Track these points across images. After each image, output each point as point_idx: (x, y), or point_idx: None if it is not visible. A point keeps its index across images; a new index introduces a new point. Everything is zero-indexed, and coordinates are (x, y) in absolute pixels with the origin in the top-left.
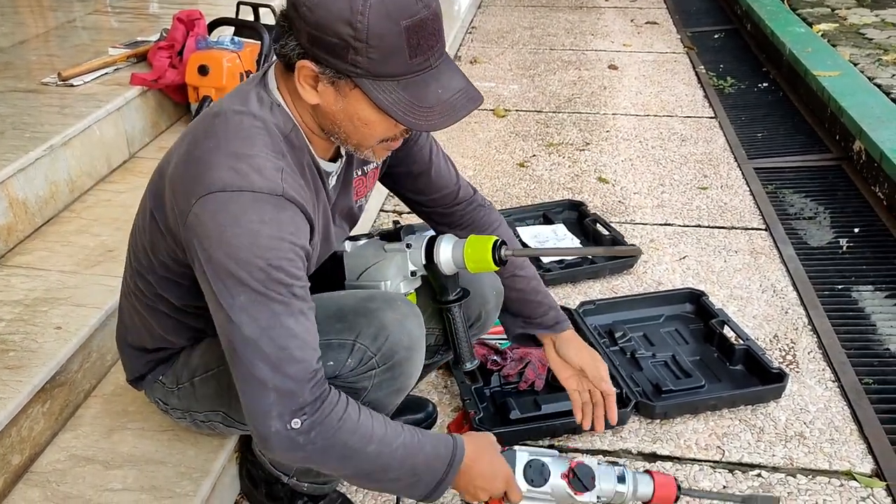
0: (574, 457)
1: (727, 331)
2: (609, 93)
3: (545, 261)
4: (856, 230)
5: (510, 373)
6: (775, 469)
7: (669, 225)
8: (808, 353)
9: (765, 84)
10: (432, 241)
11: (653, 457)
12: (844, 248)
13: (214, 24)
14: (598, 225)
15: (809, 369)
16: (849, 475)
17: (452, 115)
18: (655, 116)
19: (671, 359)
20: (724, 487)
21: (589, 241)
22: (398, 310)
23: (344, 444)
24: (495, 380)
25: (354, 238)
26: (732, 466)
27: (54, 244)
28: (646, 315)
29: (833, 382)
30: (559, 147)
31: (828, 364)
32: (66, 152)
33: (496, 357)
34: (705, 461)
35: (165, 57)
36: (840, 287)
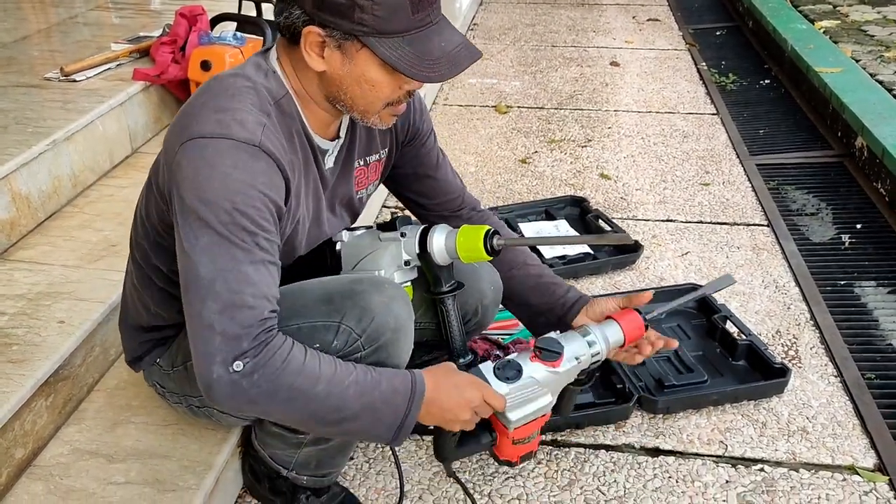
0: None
1: (730, 326)
2: (611, 89)
3: (547, 256)
4: (858, 226)
5: None
6: (778, 464)
7: (671, 221)
8: (811, 349)
9: (767, 81)
10: (426, 231)
11: (655, 451)
12: (847, 245)
13: (217, 20)
14: (601, 221)
15: (812, 364)
16: (851, 469)
17: (457, 66)
18: (657, 113)
19: (674, 354)
20: (727, 482)
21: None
22: (385, 292)
23: (290, 386)
24: None
25: (352, 229)
26: (735, 461)
27: (57, 239)
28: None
29: (835, 377)
30: (561, 143)
31: (830, 359)
32: (69, 147)
33: (499, 352)
34: (708, 456)
35: (168, 52)
36: (842, 283)
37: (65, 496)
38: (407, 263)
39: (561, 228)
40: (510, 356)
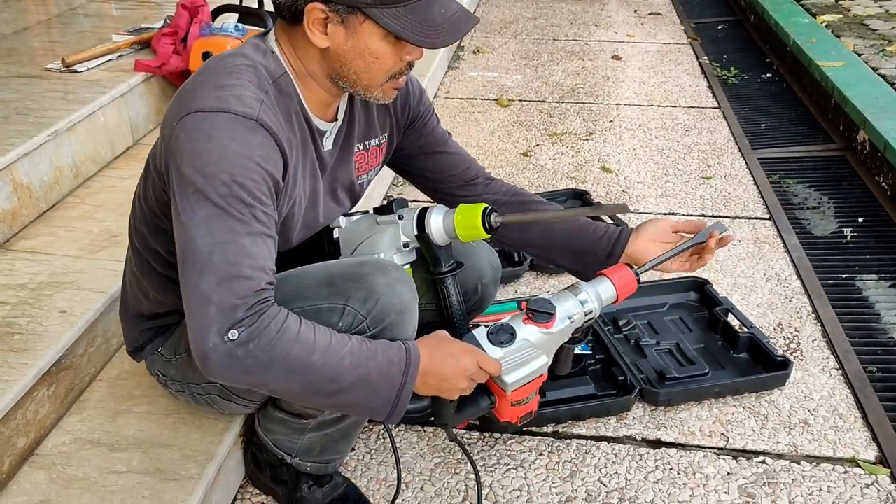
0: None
1: (731, 319)
2: (612, 83)
3: None
4: (860, 220)
5: None
6: (779, 456)
7: (673, 214)
8: (812, 342)
9: (768, 74)
10: (424, 212)
11: (657, 443)
12: (848, 238)
13: (218, 11)
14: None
15: (813, 357)
16: (853, 462)
17: (458, 31)
18: (659, 106)
19: (675, 346)
20: (728, 474)
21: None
22: (389, 274)
23: (286, 355)
24: None
25: (349, 215)
26: (737, 453)
27: (59, 229)
28: (650, 303)
29: (837, 370)
30: (563, 137)
31: (832, 352)
32: (71, 138)
33: None
34: (709, 448)
35: (169, 44)
36: (844, 276)
37: (67, 485)
38: (406, 245)
39: None
40: (503, 320)
